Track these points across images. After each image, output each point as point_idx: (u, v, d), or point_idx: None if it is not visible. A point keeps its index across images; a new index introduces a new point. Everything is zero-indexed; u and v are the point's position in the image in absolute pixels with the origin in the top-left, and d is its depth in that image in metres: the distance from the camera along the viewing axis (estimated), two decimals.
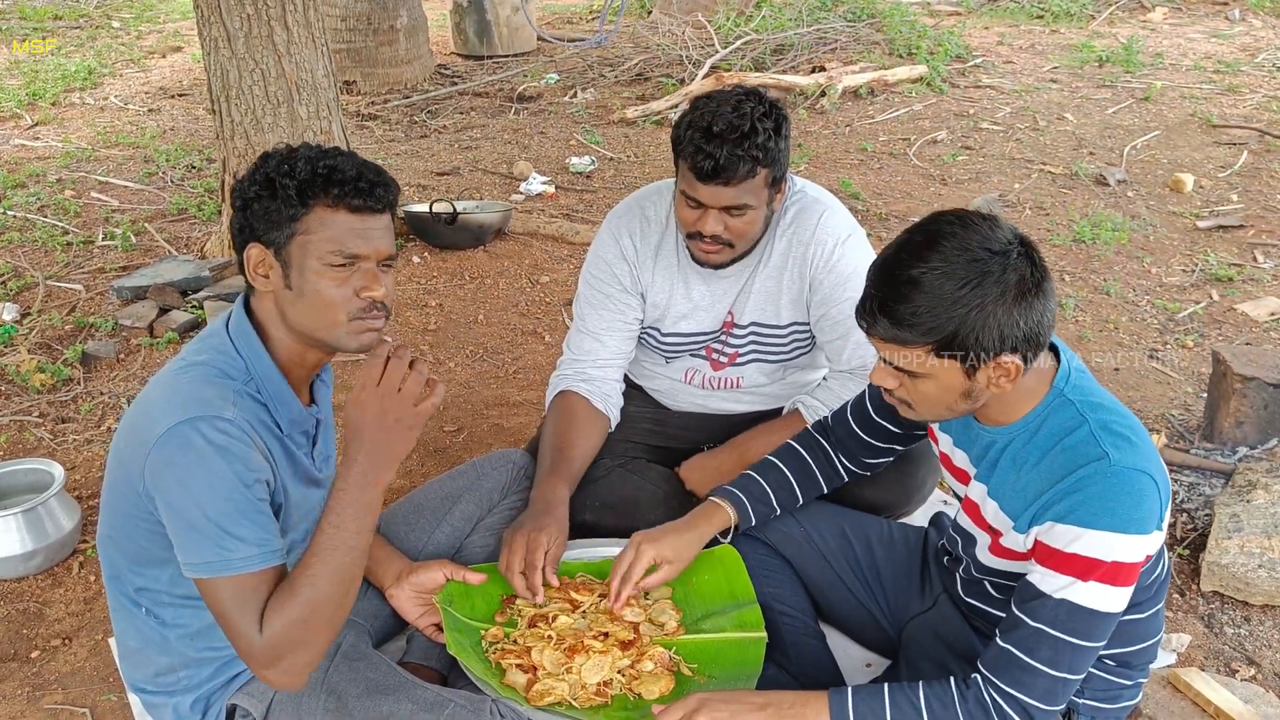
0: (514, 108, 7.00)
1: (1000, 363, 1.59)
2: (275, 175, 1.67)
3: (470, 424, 3.41)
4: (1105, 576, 1.58)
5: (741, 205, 2.15)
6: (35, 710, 2.26)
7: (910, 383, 1.65)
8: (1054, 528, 1.61)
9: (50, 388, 3.58)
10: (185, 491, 1.59)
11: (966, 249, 1.55)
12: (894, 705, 1.68)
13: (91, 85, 7.61)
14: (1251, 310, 4.05)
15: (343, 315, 1.70)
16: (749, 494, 2.19)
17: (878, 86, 7.12)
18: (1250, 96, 6.86)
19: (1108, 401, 1.69)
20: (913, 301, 1.55)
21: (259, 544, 1.62)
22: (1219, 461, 2.94)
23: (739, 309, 2.41)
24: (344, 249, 1.67)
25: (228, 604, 1.62)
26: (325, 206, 1.67)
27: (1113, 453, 1.59)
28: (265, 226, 1.68)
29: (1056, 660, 1.61)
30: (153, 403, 1.66)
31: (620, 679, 1.99)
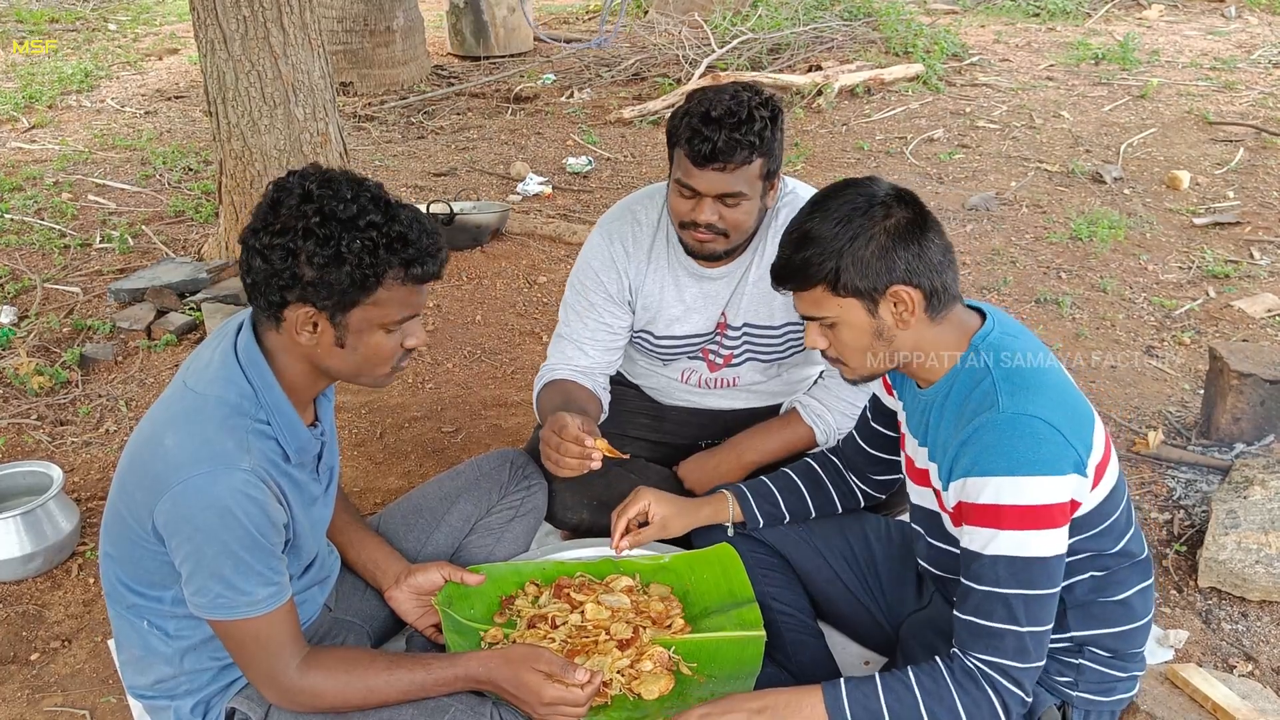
0: (511, 108, 7.00)
1: (895, 293, 1.68)
2: (348, 252, 1.59)
3: (468, 424, 3.41)
4: (1020, 521, 1.62)
5: (736, 193, 2.15)
6: (35, 712, 2.26)
7: (834, 336, 1.76)
8: (965, 484, 1.67)
9: (48, 390, 3.58)
10: (203, 541, 1.63)
11: (843, 198, 1.72)
12: (886, 689, 1.70)
13: (88, 88, 7.61)
14: (1248, 307, 4.05)
15: (388, 368, 1.75)
16: (755, 492, 2.21)
17: (874, 85, 7.13)
18: (1247, 93, 6.87)
19: (1023, 355, 1.73)
20: (803, 249, 1.70)
21: (271, 591, 1.69)
22: (1216, 458, 2.94)
23: (732, 310, 2.41)
24: (406, 315, 1.70)
25: (235, 641, 1.72)
26: (395, 280, 1.65)
27: (1004, 399, 1.66)
28: (324, 294, 1.62)
29: (1014, 615, 1.65)
30: (166, 446, 1.65)
31: (620, 679, 1.99)
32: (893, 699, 1.69)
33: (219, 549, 1.62)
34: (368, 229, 1.61)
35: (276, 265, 1.61)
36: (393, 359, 1.74)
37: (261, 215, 1.64)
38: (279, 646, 1.72)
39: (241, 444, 1.65)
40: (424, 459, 3.22)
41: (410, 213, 1.67)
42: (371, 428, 3.41)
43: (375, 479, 3.13)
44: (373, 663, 1.79)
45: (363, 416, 3.47)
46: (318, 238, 1.59)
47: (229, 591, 1.65)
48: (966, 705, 1.67)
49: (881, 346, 1.74)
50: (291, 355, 1.73)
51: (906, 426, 1.94)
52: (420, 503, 2.30)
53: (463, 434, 3.36)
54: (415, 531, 2.25)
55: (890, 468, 2.14)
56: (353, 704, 1.77)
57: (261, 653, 1.72)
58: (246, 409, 1.69)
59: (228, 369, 1.71)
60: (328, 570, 2.05)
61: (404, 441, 3.32)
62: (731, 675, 2.00)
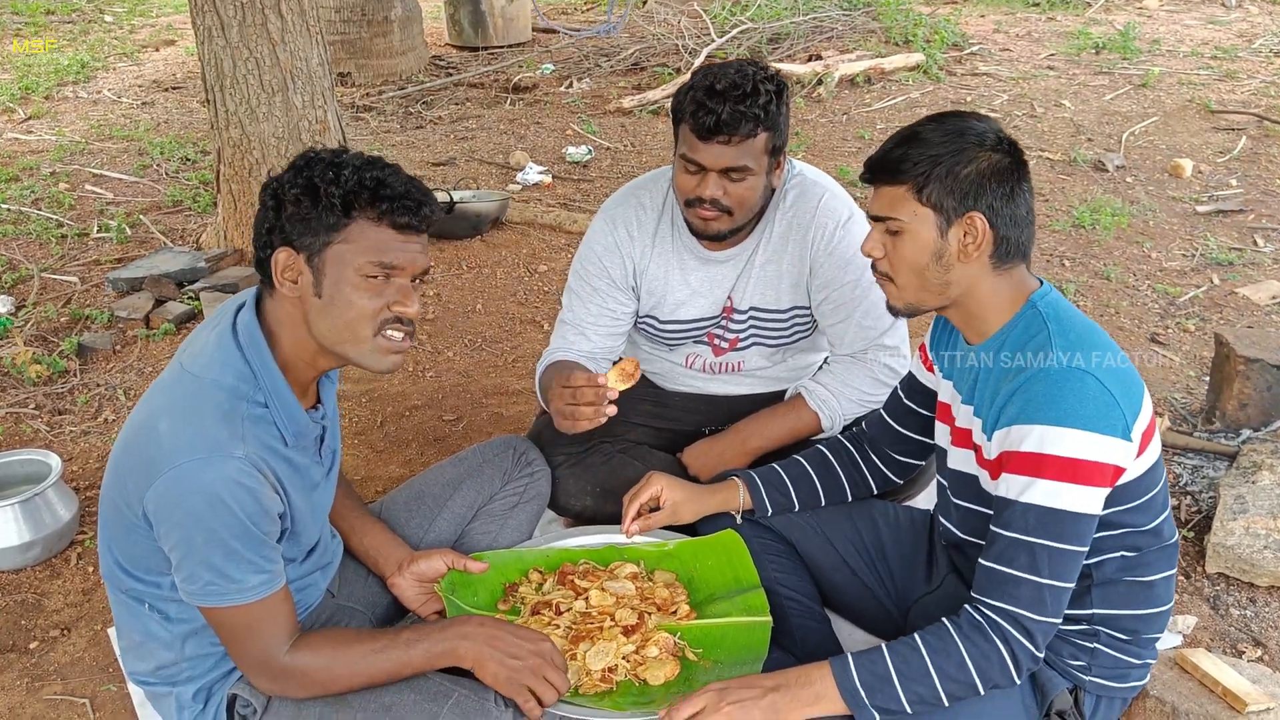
0: (510, 98, 6.97)
1: (971, 219, 1.69)
2: (320, 181, 1.62)
3: (469, 413, 3.39)
4: (1060, 473, 1.61)
5: (741, 168, 2.13)
6: (35, 701, 2.24)
7: (893, 248, 1.74)
8: (1009, 431, 1.66)
9: (46, 379, 3.56)
10: (194, 528, 1.60)
11: (961, 118, 1.75)
12: (893, 652, 1.69)
13: (84, 79, 7.57)
14: (1252, 294, 4.03)
15: (369, 329, 1.69)
16: (766, 481, 2.19)
17: (874, 75, 7.10)
18: (1248, 82, 6.84)
19: (1076, 318, 1.74)
20: (906, 146, 1.72)
21: (262, 579, 1.67)
22: (1222, 444, 2.92)
23: (738, 294, 2.39)
24: (382, 259, 1.66)
25: (226, 628, 1.70)
26: (368, 220, 1.64)
27: (1059, 354, 1.66)
28: (300, 231, 1.64)
29: (1036, 565, 1.63)
30: (160, 432, 1.62)
31: (625, 665, 1.97)
32: (899, 661, 1.68)
33: (208, 537, 1.60)
34: (343, 166, 1.64)
35: (267, 209, 1.67)
36: (373, 319, 1.68)
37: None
38: (270, 634, 1.70)
39: (236, 431, 1.63)
40: (425, 447, 3.20)
41: (396, 168, 1.69)
42: (372, 416, 3.39)
43: (376, 467, 3.10)
44: (358, 638, 1.76)
45: (363, 405, 3.45)
46: (298, 171, 1.65)
47: (219, 579, 1.63)
48: (974, 657, 1.65)
49: (937, 273, 1.73)
50: (289, 325, 1.71)
51: (947, 394, 1.93)
52: (423, 489, 2.28)
53: (464, 422, 3.34)
54: (418, 518, 2.23)
55: (916, 450, 2.12)
56: (341, 681, 1.73)
57: (253, 640, 1.69)
58: (243, 392, 1.66)
59: (225, 350, 1.68)
60: (330, 556, 2.02)
61: (405, 430, 3.30)
62: (738, 661, 1.98)
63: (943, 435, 1.95)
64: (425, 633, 1.78)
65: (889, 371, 2.35)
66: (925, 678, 1.66)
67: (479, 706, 1.73)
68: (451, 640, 1.76)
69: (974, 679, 1.66)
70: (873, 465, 2.19)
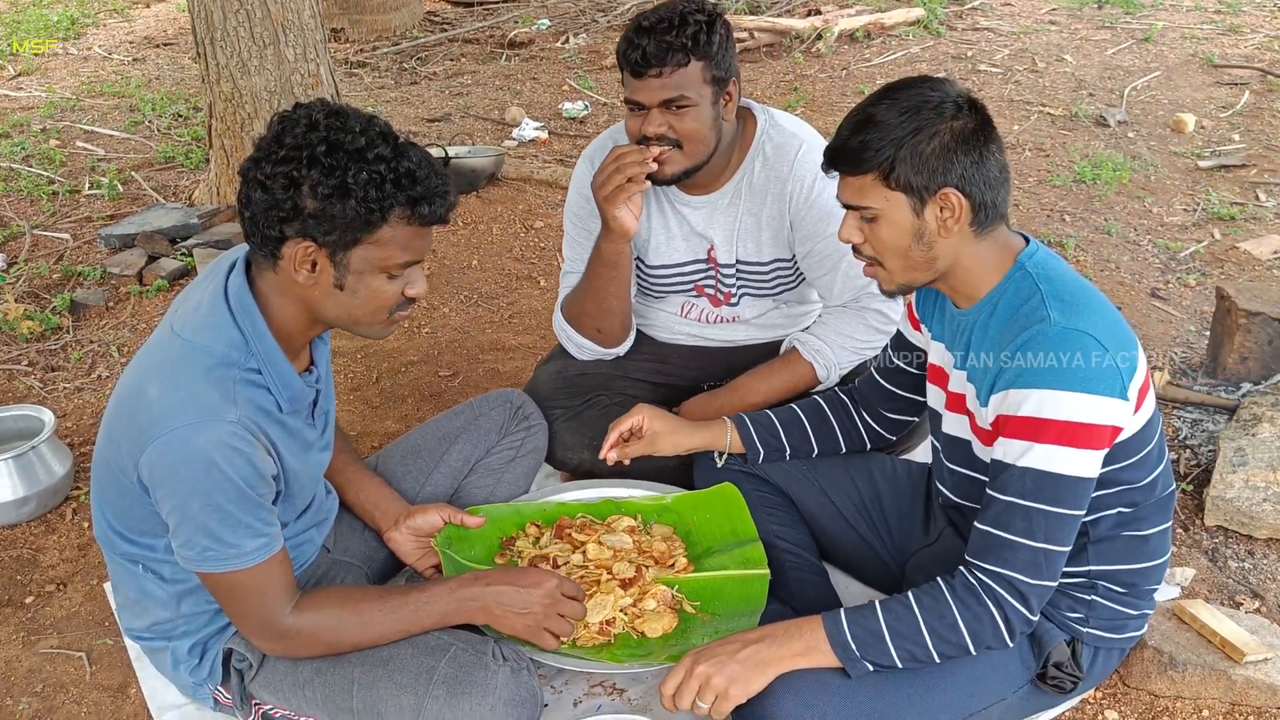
0: (505, 54, 6.88)
1: (945, 195, 1.64)
2: (355, 185, 1.54)
3: (465, 369, 3.37)
4: (1059, 437, 1.59)
5: (679, 98, 2.13)
6: (30, 655, 2.24)
7: (871, 233, 1.71)
8: (1007, 395, 1.64)
9: (39, 336, 3.53)
10: (189, 493, 1.58)
11: (914, 89, 1.68)
12: (886, 610, 1.68)
13: (74, 35, 7.47)
14: (1254, 249, 4.00)
15: (386, 315, 1.69)
16: (756, 423, 2.18)
17: (874, 30, 7.01)
18: (1251, 36, 6.76)
19: (1067, 276, 1.71)
20: (864, 133, 1.66)
21: (260, 542, 1.65)
22: (1222, 398, 2.91)
23: (721, 244, 2.37)
24: (409, 258, 1.64)
25: (224, 592, 1.69)
26: (400, 220, 1.59)
27: (1054, 314, 1.63)
28: (325, 229, 1.56)
29: (1032, 530, 1.62)
30: (150, 397, 1.60)
31: (623, 617, 1.97)
32: (892, 618, 1.67)
33: (204, 503, 1.58)
34: (376, 162, 1.55)
35: (278, 195, 1.55)
36: (391, 307, 1.68)
37: (264, 145, 1.58)
38: (271, 597, 1.69)
39: (228, 395, 1.60)
40: (421, 403, 3.18)
41: (419, 152, 1.62)
42: (368, 372, 3.36)
43: (372, 423, 3.09)
44: (366, 599, 1.76)
45: (359, 361, 3.42)
46: (323, 167, 1.53)
47: (216, 545, 1.61)
48: (967, 620, 1.64)
49: (920, 251, 1.70)
50: (286, 298, 1.66)
51: (939, 356, 1.90)
52: (419, 444, 2.27)
53: (460, 378, 3.32)
54: (414, 472, 2.22)
55: (908, 406, 2.11)
56: (348, 639, 1.74)
57: (253, 603, 1.68)
58: (235, 359, 1.63)
59: (216, 315, 1.64)
60: (325, 512, 2.01)
61: (401, 386, 3.28)
62: (736, 613, 1.98)
63: (936, 399, 1.93)
64: (434, 595, 1.77)
65: (882, 318, 2.34)
66: (917, 636, 1.65)
67: (476, 660, 1.73)
68: (461, 603, 1.77)
69: (966, 641, 1.65)
70: (866, 422, 2.18)
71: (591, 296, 2.37)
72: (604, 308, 2.38)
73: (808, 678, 1.67)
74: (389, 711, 1.72)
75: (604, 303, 2.37)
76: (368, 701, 1.74)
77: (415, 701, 1.70)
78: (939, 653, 1.66)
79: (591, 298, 2.37)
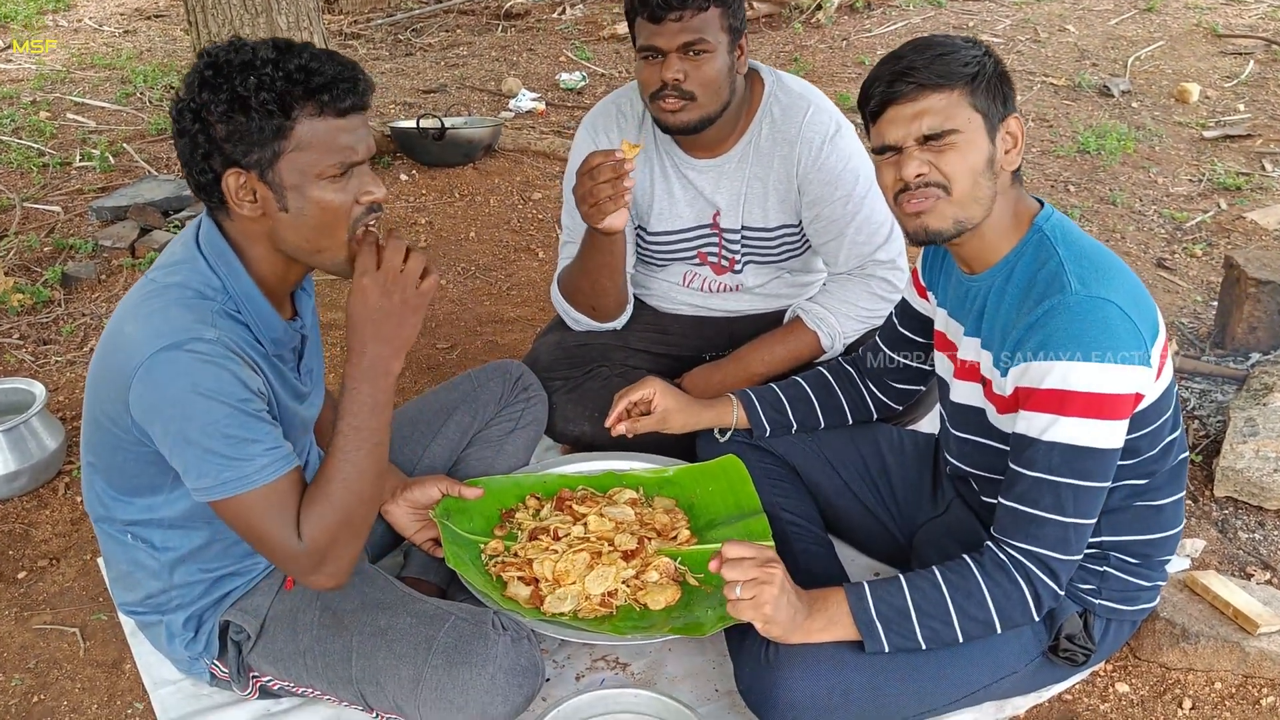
0: (501, 25, 6.80)
1: (1009, 123, 1.63)
2: (244, 90, 1.49)
3: (464, 341, 3.33)
4: (1086, 409, 1.55)
5: (699, 41, 2.09)
6: (24, 630, 2.20)
7: (939, 157, 1.60)
8: (1028, 368, 1.59)
9: (30, 309, 3.48)
10: (183, 417, 1.52)
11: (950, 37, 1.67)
12: (912, 586, 1.64)
13: (64, 7, 7.38)
14: (1261, 219, 3.95)
15: (345, 229, 1.60)
16: (762, 398, 2.14)
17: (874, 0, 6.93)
18: (1256, 6, 6.69)
19: (1083, 240, 1.66)
20: (939, 49, 1.60)
21: (271, 452, 1.57)
22: (1231, 368, 2.87)
23: (728, 210, 2.32)
24: (340, 158, 1.56)
25: (255, 518, 1.58)
26: (310, 116, 1.53)
27: (1074, 283, 1.58)
28: (243, 150, 1.52)
29: (1060, 505, 1.58)
30: (126, 334, 1.56)
31: (625, 589, 1.94)
32: (919, 595, 1.63)
33: (200, 424, 1.51)
34: (263, 66, 1.51)
35: (190, 131, 1.53)
36: (348, 219, 1.59)
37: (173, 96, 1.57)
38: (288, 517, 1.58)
39: (205, 319, 1.55)
40: (419, 376, 3.13)
41: (312, 48, 1.56)
42: None
43: None
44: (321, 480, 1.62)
45: None
46: (212, 85, 1.51)
47: (227, 468, 1.53)
48: (996, 597, 1.61)
49: (988, 183, 1.62)
50: (251, 241, 1.62)
51: (945, 323, 1.85)
52: (416, 415, 2.23)
53: (458, 350, 3.28)
54: (411, 444, 2.18)
55: (915, 376, 2.07)
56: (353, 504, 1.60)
57: (279, 526, 1.57)
58: (211, 295, 1.59)
59: (190, 259, 1.61)
60: None
61: None
62: None
63: (944, 367, 1.89)
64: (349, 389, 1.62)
65: (887, 285, 2.30)
66: (944, 615, 1.62)
67: (476, 630, 1.70)
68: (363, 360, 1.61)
69: (994, 619, 1.62)
70: (872, 392, 2.14)
71: (585, 277, 2.33)
72: (598, 288, 2.34)
73: (817, 651, 1.64)
74: (388, 681, 1.69)
75: (597, 284, 2.33)
76: (367, 671, 1.71)
77: (414, 671, 1.67)
78: (964, 631, 1.63)
79: (585, 278, 2.33)
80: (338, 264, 1.64)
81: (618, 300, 2.38)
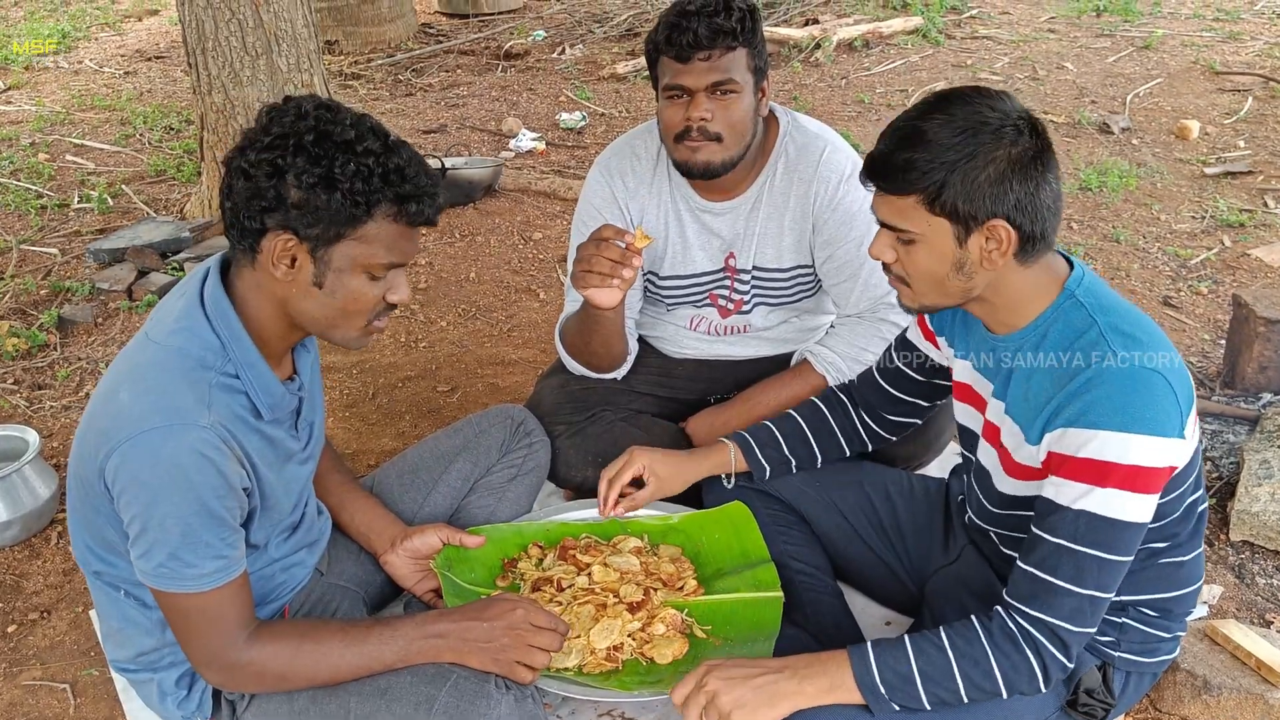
0: (501, 65, 6.82)
1: (992, 227, 1.51)
2: (341, 175, 1.46)
3: (464, 383, 3.29)
4: (1123, 482, 1.48)
5: (727, 82, 2.06)
6: (12, 687, 2.15)
7: (905, 254, 1.58)
8: (1065, 433, 1.52)
9: (25, 353, 3.44)
10: (151, 500, 1.49)
11: (971, 105, 1.52)
12: (918, 651, 1.58)
13: (65, 49, 7.40)
14: (1265, 256, 3.94)
15: (364, 320, 1.60)
16: (757, 439, 2.09)
17: (872, 39, 6.96)
18: (1252, 44, 6.72)
19: (1120, 305, 1.60)
20: (912, 149, 1.51)
21: (219, 560, 1.55)
22: (1243, 408, 2.83)
23: (741, 251, 2.29)
24: (393, 259, 1.55)
25: (178, 615, 1.58)
26: (386, 216, 1.51)
27: (1122, 352, 1.51)
28: (308, 221, 1.48)
29: (1081, 577, 1.52)
30: (120, 401, 1.52)
31: (631, 643, 1.88)
32: (924, 661, 1.57)
33: (168, 512, 1.49)
34: (365, 155, 1.47)
35: (261, 183, 1.47)
36: (371, 311, 1.59)
37: (251, 134, 1.51)
38: (225, 624, 1.58)
39: (202, 398, 1.51)
40: (419, 419, 3.09)
41: (410, 150, 1.54)
42: (363, 388, 3.28)
43: (368, 440, 3.00)
44: (326, 632, 1.66)
45: (354, 376, 3.34)
46: (310, 155, 1.46)
47: (172, 562, 1.52)
48: (1004, 668, 1.55)
49: (958, 281, 1.58)
50: (263, 297, 1.58)
51: (971, 377, 1.80)
52: (417, 462, 2.18)
53: (459, 393, 3.24)
54: (412, 492, 2.13)
55: (911, 410, 2.02)
56: (302, 674, 1.63)
57: (204, 630, 1.58)
58: (211, 362, 1.55)
59: (191, 319, 1.56)
60: (317, 533, 1.93)
61: (398, 402, 3.20)
62: (749, 638, 1.89)
63: (970, 418, 1.82)
64: (399, 630, 1.67)
65: (896, 330, 2.26)
66: (950, 682, 1.56)
67: (478, 689, 1.64)
68: (427, 640, 1.67)
69: (999, 687, 1.56)
70: (866, 423, 2.08)
71: (582, 336, 2.29)
72: (592, 350, 2.31)
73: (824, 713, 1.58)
74: None
75: (591, 346, 2.30)
76: None
77: None
78: (969, 696, 1.57)
79: (581, 338, 2.30)
80: (343, 341, 1.63)
81: (616, 358, 2.35)
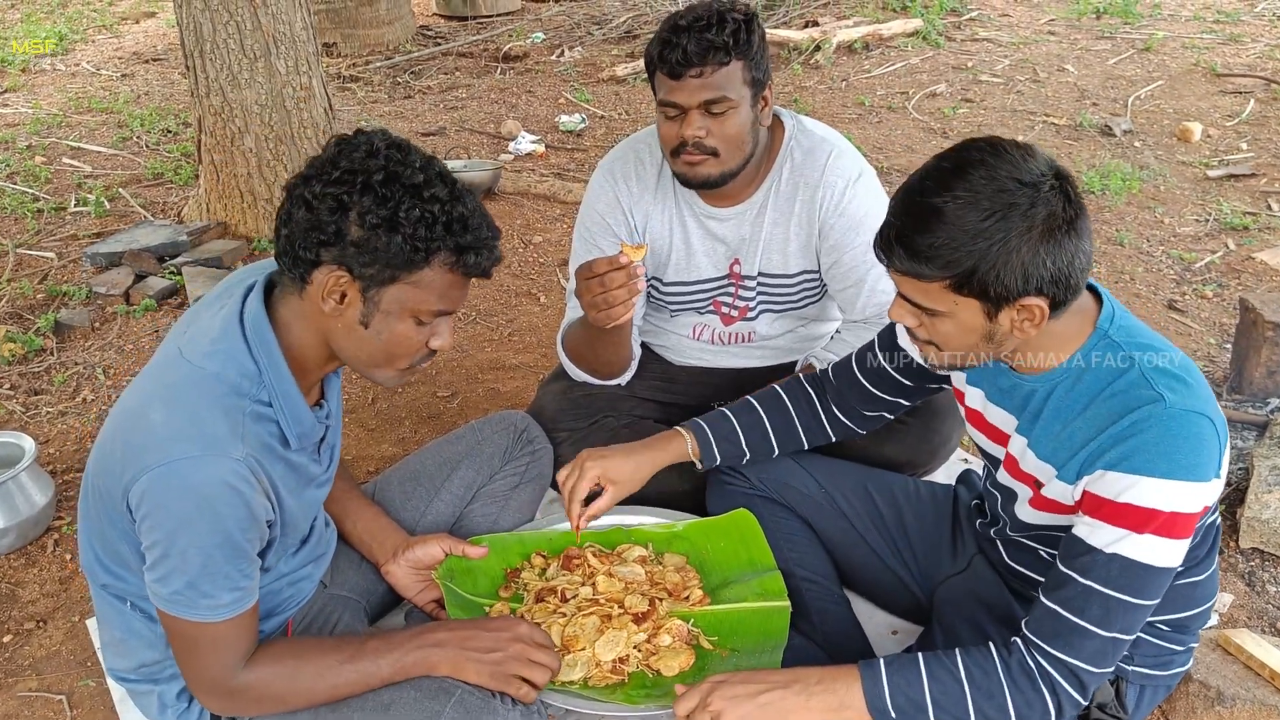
0: (500, 67, 6.79)
1: (1024, 304, 1.45)
2: (405, 220, 1.44)
3: (464, 389, 3.26)
4: (1161, 528, 1.45)
5: (720, 99, 2.03)
6: (7, 698, 2.12)
7: (930, 321, 1.53)
8: (1104, 476, 1.47)
9: (21, 358, 3.41)
10: (176, 528, 1.47)
11: (994, 179, 1.41)
12: (931, 676, 1.55)
13: (62, 51, 7.37)
14: (1270, 259, 3.91)
15: (405, 364, 1.59)
16: (715, 430, 2.04)
17: (873, 41, 6.94)
18: (1252, 46, 6.71)
19: (1156, 342, 1.55)
20: (933, 233, 1.42)
21: (235, 596, 1.54)
22: (1251, 413, 2.81)
23: (746, 257, 2.27)
24: (444, 308, 1.54)
25: (186, 642, 1.57)
26: (443, 265, 1.50)
27: (1168, 395, 1.46)
28: (364, 260, 1.46)
29: (1107, 620, 1.48)
30: (152, 420, 1.48)
31: (637, 655, 1.86)
32: (938, 690, 1.54)
33: (191, 542, 1.47)
34: (431, 201, 1.45)
35: (323, 216, 1.45)
36: (413, 356, 1.58)
37: (318, 164, 1.48)
38: (230, 654, 1.57)
39: (236, 428, 1.49)
40: (419, 425, 3.07)
41: (475, 201, 1.52)
42: (363, 393, 3.25)
43: (368, 446, 2.97)
44: (320, 649, 1.64)
45: (353, 381, 3.31)
46: (377, 195, 1.44)
47: (189, 591, 1.50)
48: (1018, 704, 1.51)
49: (988, 347, 1.53)
50: (305, 327, 1.56)
51: (984, 406, 1.76)
52: (418, 470, 2.16)
53: (459, 398, 3.21)
54: (413, 500, 2.11)
55: (889, 407, 1.98)
56: (300, 694, 1.61)
57: (209, 658, 1.56)
58: (247, 389, 1.52)
59: (229, 341, 1.53)
60: (325, 545, 1.90)
61: (397, 407, 3.17)
62: (756, 648, 1.87)
63: (990, 447, 1.78)
64: (395, 643, 1.65)
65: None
66: (962, 712, 1.53)
67: (483, 704, 1.62)
68: (423, 650, 1.65)
69: None
70: (833, 416, 2.03)
71: (585, 346, 2.28)
72: (599, 360, 2.30)
73: None
74: None
75: (599, 357, 2.28)
76: None
77: None
78: None
79: (585, 346, 2.28)
80: (380, 380, 1.63)
81: (620, 365, 2.33)
